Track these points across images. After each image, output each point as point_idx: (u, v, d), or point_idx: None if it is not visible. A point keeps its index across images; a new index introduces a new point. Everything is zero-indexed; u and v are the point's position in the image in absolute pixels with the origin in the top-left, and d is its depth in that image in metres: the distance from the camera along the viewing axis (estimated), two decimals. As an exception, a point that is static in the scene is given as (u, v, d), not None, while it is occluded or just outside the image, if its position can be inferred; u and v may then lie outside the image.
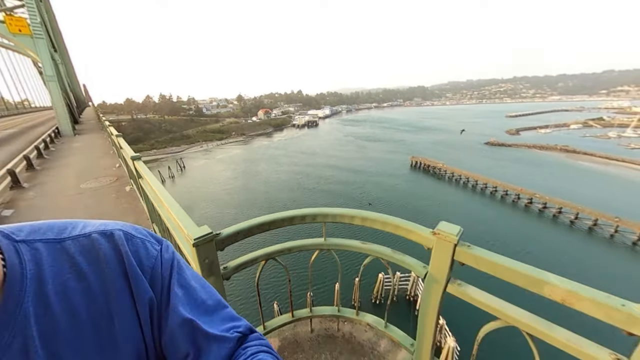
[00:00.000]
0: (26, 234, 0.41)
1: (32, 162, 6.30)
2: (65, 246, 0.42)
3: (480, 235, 20.56)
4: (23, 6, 16.33)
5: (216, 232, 1.26)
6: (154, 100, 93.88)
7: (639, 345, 0.75)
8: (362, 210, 1.46)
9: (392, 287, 1.51)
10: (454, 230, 1.13)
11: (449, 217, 23.98)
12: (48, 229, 0.43)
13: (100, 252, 0.43)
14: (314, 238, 1.63)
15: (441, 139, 66.72)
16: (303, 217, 1.49)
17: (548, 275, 0.93)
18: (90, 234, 0.44)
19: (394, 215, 1.39)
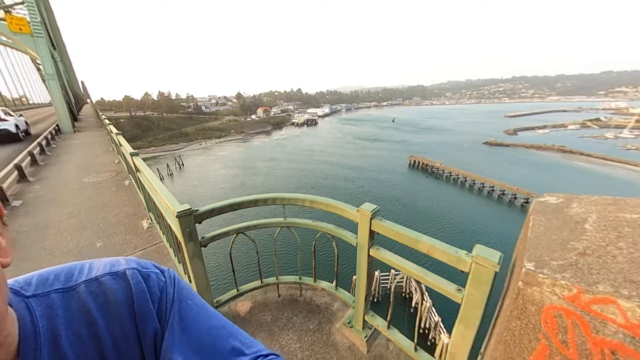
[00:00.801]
0: (35, 287, 0.41)
1: (36, 158, 6.67)
2: (76, 293, 0.42)
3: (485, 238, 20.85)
4: (23, 3, 16.55)
5: (195, 208, 1.65)
6: (153, 97, 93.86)
7: (468, 278, 1.15)
8: (311, 195, 1.85)
9: (335, 257, 1.88)
10: (370, 207, 1.51)
11: (448, 217, 24.47)
12: (56, 278, 0.43)
13: (110, 295, 0.43)
14: (276, 218, 2.03)
15: (441, 138, 67.10)
16: (265, 200, 1.88)
17: (421, 236, 1.32)
18: (101, 277, 0.45)
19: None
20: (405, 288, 15.75)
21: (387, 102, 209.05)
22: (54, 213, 4.10)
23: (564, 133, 73.43)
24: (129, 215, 3.94)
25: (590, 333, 0.61)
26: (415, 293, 14.59)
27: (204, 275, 1.79)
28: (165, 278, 0.51)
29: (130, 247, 3.11)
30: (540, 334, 0.73)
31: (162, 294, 0.48)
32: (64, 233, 3.49)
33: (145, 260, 0.51)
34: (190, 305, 0.50)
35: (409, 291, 15.60)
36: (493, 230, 22.17)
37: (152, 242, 3.19)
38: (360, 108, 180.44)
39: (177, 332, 0.47)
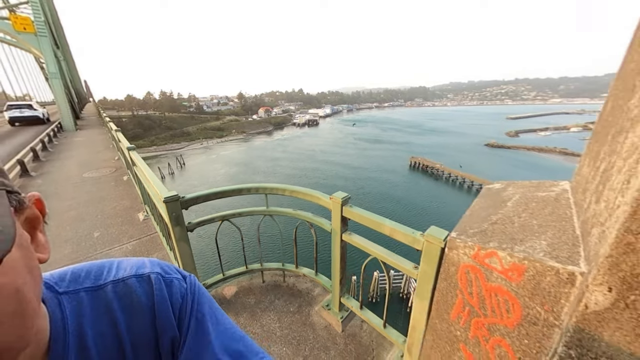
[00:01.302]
0: (67, 284, 0.43)
1: (38, 154, 6.84)
2: (103, 293, 0.44)
3: None
4: (27, 2, 16.82)
5: (182, 195, 1.79)
6: (155, 96, 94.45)
7: (421, 256, 1.27)
8: (290, 185, 1.99)
9: (315, 244, 2.02)
10: (342, 195, 1.64)
11: (447, 215, 24.52)
12: (86, 276, 0.45)
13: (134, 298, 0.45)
14: (259, 207, 2.16)
15: (443, 140, 67.12)
16: (248, 189, 2.01)
17: (385, 220, 1.45)
18: (127, 278, 0.46)
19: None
20: (403, 288, 15.90)
21: (388, 103, 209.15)
22: (55, 206, 4.26)
23: (566, 135, 73.27)
24: (126, 208, 4.09)
25: (484, 282, 0.74)
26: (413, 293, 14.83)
27: (190, 258, 1.92)
28: (186, 284, 0.51)
29: (126, 237, 3.26)
30: (457, 289, 0.87)
31: (183, 302, 0.49)
32: (63, 224, 3.64)
33: (168, 263, 0.52)
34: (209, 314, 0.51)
35: (406, 291, 15.76)
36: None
37: (147, 233, 3.34)
38: (362, 109, 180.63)
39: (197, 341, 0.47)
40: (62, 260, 2.83)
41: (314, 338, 1.85)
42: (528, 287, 0.58)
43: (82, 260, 2.81)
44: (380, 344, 1.80)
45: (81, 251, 2.99)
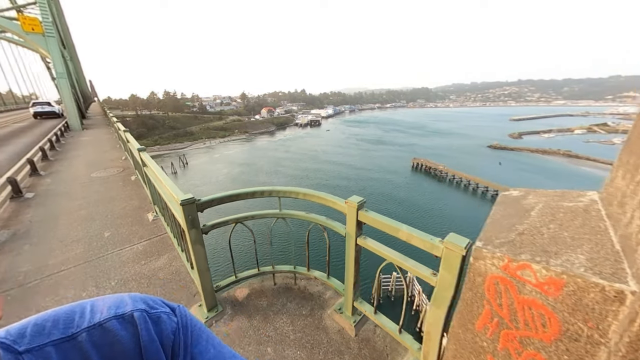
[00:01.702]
0: (30, 339, 0.35)
1: (46, 153, 6.92)
2: (77, 343, 0.37)
3: None
4: (35, 3, 16.98)
5: (197, 198, 1.80)
6: (159, 96, 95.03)
7: (440, 263, 1.28)
8: (304, 188, 2.00)
9: (327, 248, 2.04)
10: (357, 199, 1.65)
11: (450, 218, 24.39)
12: (54, 325, 0.37)
13: (116, 345, 0.38)
14: (272, 209, 2.18)
15: (445, 141, 66.84)
16: (262, 192, 2.03)
17: (401, 225, 1.45)
18: (105, 321, 0.39)
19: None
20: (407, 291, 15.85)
21: (390, 104, 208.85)
22: (65, 205, 4.31)
23: (570, 137, 72.70)
24: (135, 208, 4.13)
25: (516, 294, 0.74)
26: (418, 296, 14.68)
27: (205, 260, 1.94)
28: (177, 318, 0.46)
29: (136, 237, 3.29)
30: (484, 300, 0.87)
31: (175, 338, 0.43)
32: (74, 223, 3.69)
33: (152, 296, 0.46)
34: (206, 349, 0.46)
35: (411, 294, 15.70)
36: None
37: (157, 233, 3.37)
38: (364, 110, 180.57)
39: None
40: (74, 260, 2.86)
41: (328, 342, 1.85)
42: (568, 303, 0.58)
43: (94, 261, 2.86)
44: (395, 349, 1.81)
45: (92, 251, 3.03)
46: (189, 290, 2.37)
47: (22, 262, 2.83)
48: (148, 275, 2.58)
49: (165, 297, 2.25)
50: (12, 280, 2.55)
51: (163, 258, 2.84)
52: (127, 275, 2.59)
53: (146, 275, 2.57)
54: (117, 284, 2.46)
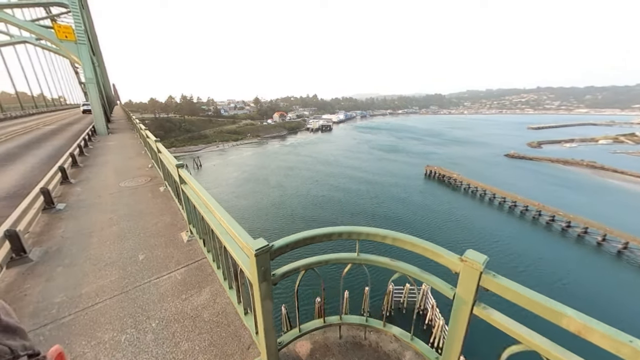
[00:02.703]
0: None
1: (76, 160, 6.93)
2: None
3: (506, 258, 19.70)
4: (69, 12, 17.74)
5: (270, 244, 1.48)
6: (176, 100, 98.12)
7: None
8: (393, 231, 1.64)
9: (417, 303, 1.66)
10: (480, 259, 1.28)
11: (467, 231, 23.37)
12: None
13: None
14: (348, 252, 1.83)
15: (460, 149, 65.08)
16: (340, 234, 1.69)
17: (566, 309, 1.07)
18: None
19: (418, 233, 1.57)
20: (419, 304, 14.93)
21: (402, 110, 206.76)
22: (96, 219, 4.14)
23: (594, 148, 69.11)
24: (167, 225, 3.90)
25: None
26: (432, 311, 13.78)
27: (271, 317, 1.61)
28: None
29: (173, 263, 3.02)
30: None
31: None
32: (106, 242, 3.48)
33: None
34: None
35: (423, 307, 14.78)
36: (521, 251, 20.85)
37: (194, 259, 3.09)
38: (376, 115, 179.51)
39: None
40: (109, 290, 2.61)
41: None
42: None
43: (130, 292, 2.58)
44: None
45: (128, 278, 2.77)
46: (240, 341, 2.04)
47: (55, 290, 2.60)
48: (192, 315, 2.28)
49: (214, 347, 1.94)
50: (45, 313, 2.32)
51: (205, 292, 2.54)
52: (167, 313, 2.30)
53: (189, 316, 2.27)
54: (158, 326, 2.17)
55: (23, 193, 5.20)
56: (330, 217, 26.37)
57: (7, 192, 5.36)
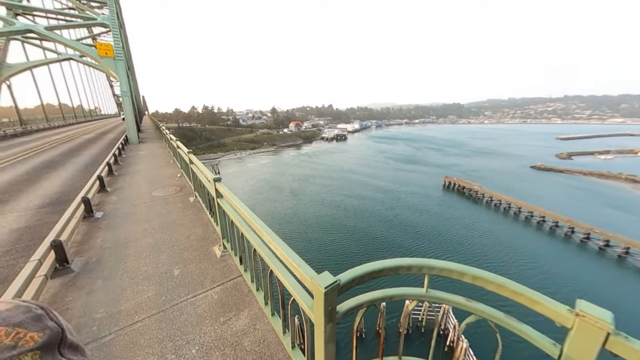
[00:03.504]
0: None
1: (112, 168, 7.26)
2: None
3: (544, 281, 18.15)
4: (109, 32, 19.31)
5: (337, 279, 1.33)
6: (198, 110, 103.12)
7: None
8: (474, 267, 1.43)
9: (497, 354, 1.42)
10: (605, 316, 1.05)
11: (492, 248, 21.97)
12: None
13: None
14: (415, 287, 1.63)
15: (483, 160, 62.49)
16: (409, 267, 1.51)
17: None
18: None
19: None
20: (440, 323, 13.81)
21: (419, 120, 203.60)
22: (131, 229, 4.20)
23: (634, 160, 63.68)
24: (200, 238, 3.87)
25: None
26: (454, 331, 12.65)
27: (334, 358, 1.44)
28: None
29: (208, 280, 2.94)
30: None
31: None
32: (142, 254, 3.49)
33: None
34: None
35: (444, 327, 13.66)
36: (559, 272, 19.18)
37: (229, 276, 2.99)
38: (391, 125, 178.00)
39: None
40: (147, 307, 2.55)
41: None
42: None
43: (168, 310, 2.50)
44: None
45: (165, 295, 2.71)
46: (287, 377, 1.87)
47: (96, 305, 2.58)
48: (232, 342, 2.14)
49: (260, 383, 1.77)
50: (87, 330, 2.28)
51: (243, 316, 2.41)
52: (207, 338, 2.18)
53: (230, 343, 2.14)
54: (198, 353, 2.05)
55: (64, 200, 5.47)
56: (344, 227, 25.93)
57: (50, 198, 5.66)
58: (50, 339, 0.30)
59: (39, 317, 0.31)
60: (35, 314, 0.31)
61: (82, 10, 22.00)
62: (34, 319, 0.30)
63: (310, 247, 22.37)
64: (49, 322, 0.31)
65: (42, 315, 0.32)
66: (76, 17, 19.66)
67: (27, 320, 0.30)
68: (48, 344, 0.30)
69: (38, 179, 7.14)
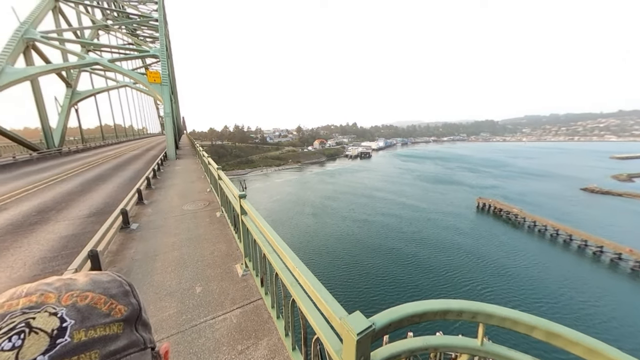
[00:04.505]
0: None
1: (150, 182, 7.83)
2: None
3: None
4: (158, 62, 21.87)
5: (372, 323, 1.12)
6: (230, 129, 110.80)
7: None
8: (548, 320, 1.13)
9: None
10: None
11: (547, 284, 19.29)
12: None
13: None
14: (466, 337, 1.34)
15: (528, 183, 57.36)
16: (460, 312, 1.24)
17: None
18: None
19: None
20: None
21: (448, 138, 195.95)
22: (161, 241, 4.34)
23: None
24: (223, 255, 3.84)
25: None
26: None
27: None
28: None
29: (228, 301, 2.83)
30: None
31: None
32: (168, 268, 3.53)
33: None
34: None
35: None
36: (628, 316, 16.06)
37: (249, 298, 2.86)
38: (418, 143, 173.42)
39: None
40: (167, 326, 2.49)
41: None
42: None
43: (187, 331, 2.39)
44: None
45: (186, 314, 2.64)
46: None
47: (120, 319, 2.59)
48: (249, 376, 1.95)
49: None
50: (109, 346, 2.25)
51: (262, 346, 2.22)
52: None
53: (247, 377, 1.95)
54: (214, 385, 1.89)
55: (107, 210, 5.91)
56: (368, 247, 24.81)
57: (96, 208, 6.18)
58: (132, 314, 0.34)
59: (127, 293, 0.36)
60: (124, 289, 0.36)
61: (139, 45, 25.50)
62: (123, 293, 0.35)
63: (331, 267, 21.62)
64: (132, 298, 0.36)
65: (129, 292, 0.36)
66: (133, 51, 22.82)
67: (119, 293, 0.35)
68: (129, 318, 0.34)
69: (89, 191, 7.91)
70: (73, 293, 0.31)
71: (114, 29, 26.66)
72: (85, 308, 0.30)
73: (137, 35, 30.73)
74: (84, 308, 0.30)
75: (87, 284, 0.33)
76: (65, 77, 23.20)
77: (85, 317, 0.30)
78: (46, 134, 19.37)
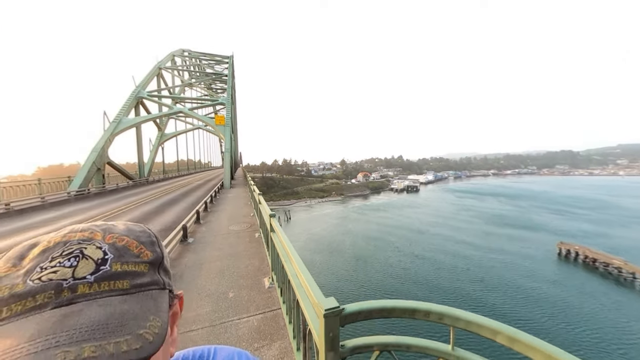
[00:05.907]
0: None
1: (207, 206, 9.26)
2: None
3: None
4: (224, 107, 26.27)
5: (341, 306, 1.37)
6: (279, 163, 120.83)
7: None
8: (510, 326, 1.20)
9: None
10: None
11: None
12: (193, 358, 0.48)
13: None
14: (438, 342, 1.44)
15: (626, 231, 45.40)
16: (427, 312, 1.38)
17: None
18: None
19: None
20: None
21: (511, 171, 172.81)
22: (208, 254, 5.12)
23: None
24: (255, 269, 4.32)
25: None
26: None
27: (337, 401, 1.36)
28: None
29: (253, 306, 3.21)
30: None
31: None
32: (210, 275, 4.15)
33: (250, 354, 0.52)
34: None
35: None
36: None
37: (270, 307, 3.19)
38: (474, 176, 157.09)
39: None
40: (202, 320, 2.97)
41: None
42: None
43: (217, 326, 2.83)
44: None
45: (218, 312, 3.11)
46: (301, 422, 1.77)
47: (170, 309, 3.20)
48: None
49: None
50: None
51: (274, 347, 2.48)
52: None
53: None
54: (229, 371, 2.20)
55: (174, 227, 7.21)
56: (411, 292, 22.21)
57: (165, 225, 7.59)
58: (155, 259, 0.40)
59: (153, 242, 0.42)
60: (152, 239, 0.42)
61: (212, 95, 31.59)
62: (150, 243, 0.42)
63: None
64: (157, 248, 0.43)
65: (154, 242, 0.43)
66: (207, 100, 28.41)
67: (147, 241, 0.41)
68: (154, 262, 0.40)
69: (162, 211, 9.74)
70: (114, 235, 0.38)
71: (195, 84, 34.06)
72: (122, 248, 0.37)
73: (212, 88, 38.37)
74: (120, 247, 0.37)
75: (124, 231, 0.40)
76: (158, 123, 29.96)
77: (121, 255, 0.36)
78: (140, 167, 24.69)
